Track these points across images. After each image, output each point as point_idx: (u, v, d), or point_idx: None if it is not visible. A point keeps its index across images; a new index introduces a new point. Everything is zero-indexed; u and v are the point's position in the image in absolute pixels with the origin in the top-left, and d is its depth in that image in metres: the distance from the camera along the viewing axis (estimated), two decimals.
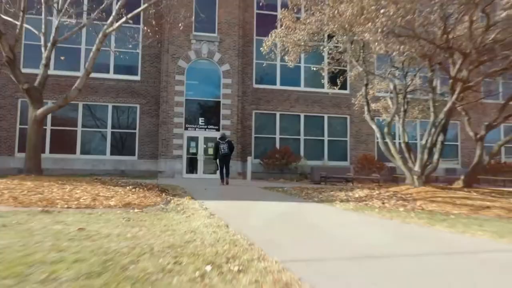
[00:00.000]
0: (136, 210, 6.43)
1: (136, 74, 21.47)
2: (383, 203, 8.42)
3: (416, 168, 11.04)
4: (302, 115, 22.98)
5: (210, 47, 20.92)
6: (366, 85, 12.49)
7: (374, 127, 12.42)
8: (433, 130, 11.11)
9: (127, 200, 7.04)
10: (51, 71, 20.40)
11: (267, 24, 22.24)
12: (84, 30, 20.63)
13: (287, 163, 21.17)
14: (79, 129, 20.64)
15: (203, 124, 20.79)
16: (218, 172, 15.95)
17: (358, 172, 21.58)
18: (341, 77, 17.10)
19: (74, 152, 20.53)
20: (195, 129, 20.65)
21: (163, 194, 8.99)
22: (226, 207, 7.70)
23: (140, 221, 5.38)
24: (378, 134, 12.16)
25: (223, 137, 15.91)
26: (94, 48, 11.34)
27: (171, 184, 13.59)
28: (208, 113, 21.07)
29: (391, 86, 11.80)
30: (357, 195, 9.84)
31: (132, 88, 21.29)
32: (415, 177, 10.76)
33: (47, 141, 20.28)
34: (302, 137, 22.87)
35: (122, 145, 21.34)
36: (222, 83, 21.00)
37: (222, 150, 15.34)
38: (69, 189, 7.50)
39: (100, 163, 20.53)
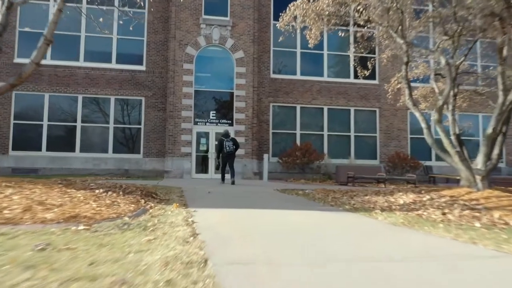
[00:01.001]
0: (80, 228, 4.26)
1: (141, 64, 19.43)
2: (443, 214, 6.03)
3: (480, 165, 8.54)
4: (325, 108, 20.55)
5: (221, 32, 18.71)
6: (407, 63, 10.01)
7: (417, 114, 9.96)
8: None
9: (77, 211, 4.88)
10: (47, 61, 18.58)
11: (286, 7, 20.00)
12: (83, 17, 18.78)
13: (308, 161, 18.78)
14: (78, 124, 18.72)
15: (215, 118, 18.60)
16: (220, 170, 15.18)
17: (390, 172, 19.03)
18: (371, 60, 14.60)
19: (73, 150, 18.62)
20: (205, 124, 18.48)
21: (145, 199, 6.80)
22: (223, 220, 5.44)
23: (59, 251, 3.19)
24: (423, 124, 9.68)
25: (226, 134, 14.95)
26: (55, 8, 9.12)
27: (169, 186, 11.46)
28: (220, 106, 18.87)
29: (443, 61, 9.32)
30: (401, 201, 7.44)
31: (137, 79, 19.26)
32: (478, 177, 8.28)
33: (43, 138, 18.41)
34: (325, 132, 20.44)
35: (126, 142, 19.33)
36: (235, 72, 18.76)
37: (227, 148, 14.43)
38: (6, 195, 5.39)
39: (101, 162, 18.56)
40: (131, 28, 14.76)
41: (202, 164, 18.02)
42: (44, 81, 18.59)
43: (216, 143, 15.93)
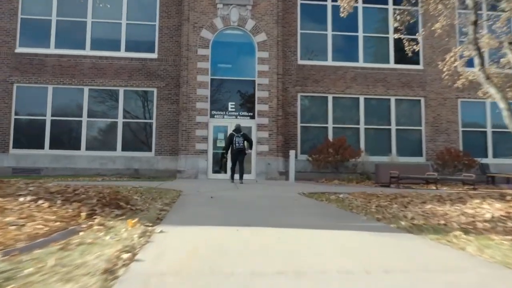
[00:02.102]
0: None
1: (153, 51, 17.40)
2: None
3: None
4: (361, 98, 17.91)
5: (241, 13, 16.41)
6: (475, 22, 7.41)
7: (493, 91, 7.30)
8: None
9: None
10: (51, 50, 16.87)
11: None
12: (90, 1, 16.98)
13: (342, 159, 16.22)
14: (84, 119, 16.87)
15: (234, 110, 16.33)
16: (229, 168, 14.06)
17: (439, 171, 16.19)
18: (416, 37, 11.94)
19: (79, 148, 16.79)
20: (223, 117, 16.24)
21: (97, 212, 4.58)
22: (198, 256, 3.10)
23: None
24: (502, 103, 7.03)
25: (238, 129, 13.71)
26: None
27: (168, 189, 9.28)
28: (240, 96, 16.58)
29: None
30: (487, 214, 4.85)
31: (148, 68, 17.25)
32: None
33: (46, 135, 16.67)
34: (362, 126, 17.81)
35: (136, 139, 17.36)
36: (257, 57, 16.43)
37: (237, 144, 13.34)
38: None
39: (109, 161, 16.65)
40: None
41: (219, 163, 15.74)
42: (47, 72, 16.87)
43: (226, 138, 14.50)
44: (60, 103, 16.91)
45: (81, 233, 3.64)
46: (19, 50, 16.87)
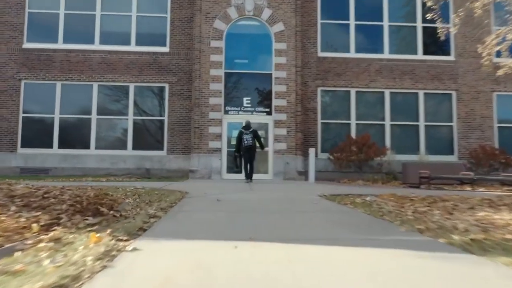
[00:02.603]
0: None
1: (164, 45, 16.52)
2: None
3: None
4: (387, 92, 16.65)
5: (256, 1, 15.35)
6: None
7: None
8: None
9: None
10: (60, 45, 16.16)
11: None
12: None
13: (366, 158, 15.01)
14: (93, 117, 16.12)
15: (249, 106, 15.30)
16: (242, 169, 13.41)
17: (473, 171, 14.79)
18: (447, 27, 10.70)
19: (88, 147, 16.04)
20: (238, 113, 15.23)
21: (62, 220, 3.61)
22: None
23: None
24: None
25: (247, 126, 13.23)
26: None
27: (173, 190, 8.35)
28: (256, 90, 15.53)
29: None
30: None
31: (159, 63, 16.39)
32: None
33: (55, 133, 15.98)
34: (387, 122, 16.54)
35: (147, 137, 16.51)
36: (273, 49, 15.36)
37: (245, 142, 12.86)
38: None
39: (120, 160, 15.84)
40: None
41: (234, 162, 14.71)
42: (55, 68, 16.17)
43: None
44: (68, 100, 16.17)
45: (17, 254, 2.66)
46: (26, 45, 16.23)
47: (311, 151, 13.70)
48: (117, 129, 16.37)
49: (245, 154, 13.05)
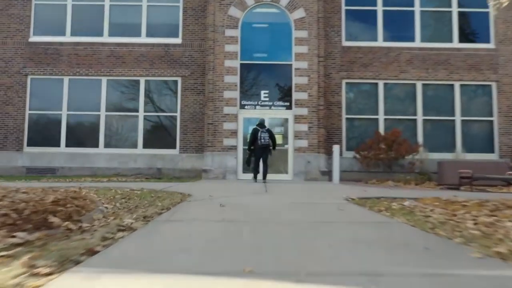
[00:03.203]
0: None
1: (176, 36, 15.44)
2: None
3: None
4: (418, 84, 15.15)
5: None
6: None
7: None
8: None
9: None
10: (67, 38, 15.28)
11: None
12: None
13: (397, 156, 13.59)
14: (102, 113, 15.17)
15: (267, 100, 14.07)
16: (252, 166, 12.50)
17: None
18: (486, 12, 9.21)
19: (96, 145, 15.11)
20: (254, 108, 14.02)
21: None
22: None
23: None
24: None
25: (262, 124, 12.35)
26: None
27: (175, 192, 7.22)
28: (274, 83, 14.27)
29: None
30: None
31: (171, 55, 15.32)
32: None
33: (62, 131, 15.11)
34: (419, 117, 15.04)
35: (158, 134, 15.45)
36: (293, 37, 14.09)
37: (262, 140, 11.99)
38: None
39: (129, 159, 14.85)
40: None
41: (248, 160, 13.48)
42: (63, 62, 15.30)
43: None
44: (76, 96, 15.27)
45: None
46: (33, 39, 15.41)
47: (335, 148, 12.36)
48: (127, 126, 15.37)
49: (260, 153, 12.11)
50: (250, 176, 13.04)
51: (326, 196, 7.41)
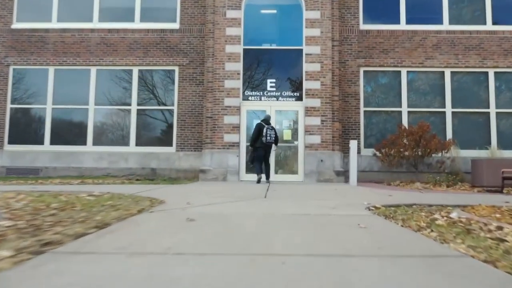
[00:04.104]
0: None
1: (174, 20, 13.83)
2: None
3: None
4: (447, 72, 13.28)
5: None
6: None
7: None
8: None
9: None
10: (53, 24, 13.79)
11: None
12: None
13: (424, 154, 11.75)
14: (91, 107, 13.64)
15: (274, 90, 12.36)
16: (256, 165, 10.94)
17: None
18: None
19: (84, 142, 13.57)
20: (259, 99, 12.32)
21: None
22: None
23: None
24: None
25: (267, 120, 11.07)
26: None
27: (146, 197, 5.53)
28: (282, 71, 12.53)
29: None
30: None
31: (168, 42, 13.71)
32: None
33: (47, 127, 13.62)
34: (448, 109, 13.17)
35: (153, 130, 13.85)
36: (304, 19, 12.35)
37: (268, 137, 10.73)
38: None
39: (120, 158, 13.28)
40: None
41: (251, 158, 11.78)
42: (48, 51, 13.81)
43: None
44: (62, 88, 13.75)
45: None
46: (16, 25, 13.95)
47: (353, 144, 10.55)
48: (118, 122, 13.79)
49: (262, 151, 10.78)
50: (254, 177, 11.36)
51: (342, 203, 5.67)
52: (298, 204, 5.41)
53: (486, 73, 13.22)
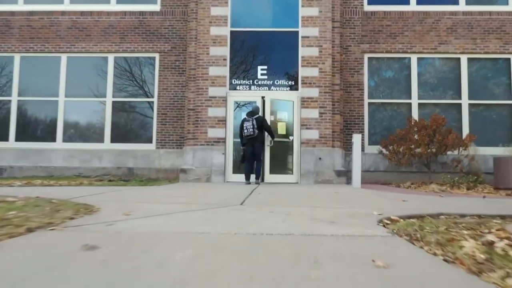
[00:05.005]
0: None
1: (154, 2, 12.30)
2: None
3: None
4: (463, 59, 11.69)
5: None
6: None
7: None
8: None
9: None
10: (19, 6, 12.28)
11: None
12: None
13: (438, 151, 10.16)
14: (61, 99, 12.11)
15: (265, 78, 10.79)
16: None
17: None
18: None
19: (53, 139, 12.05)
20: (249, 88, 10.76)
21: None
22: None
23: None
24: None
25: (253, 112, 9.86)
26: None
27: (77, 204, 3.95)
28: (275, 56, 10.94)
29: None
30: None
31: (148, 26, 12.18)
32: None
33: (12, 122, 12.11)
34: (464, 101, 11.58)
35: (130, 125, 12.30)
36: None
37: (245, 131, 9.56)
38: None
39: (93, 157, 11.75)
40: None
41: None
42: (13, 36, 12.29)
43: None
44: (29, 77, 12.24)
45: None
46: None
47: (356, 138, 8.93)
48: (91, 115, 12.23)
49: (249, 147, 9.65)
50: (242, 177, 9.83)
51: (344, 213, 4.11)
52: (282, 215, 3.84)
53: (508, 60, 11.63)
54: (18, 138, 12.05)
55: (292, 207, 4.65)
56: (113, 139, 11.95)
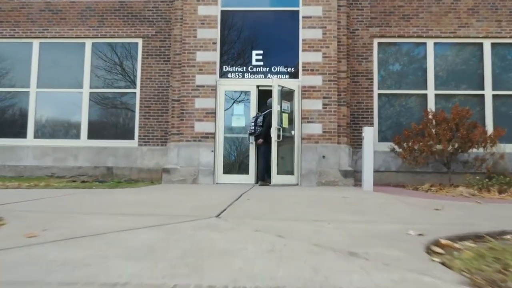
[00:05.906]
0: None
1: None
2: None
3: None
4: (486, 44, 10.29)
5: None
6: None
7: None
8: None
9: None
10: None
11: None
12: None
13: (462, 148, 8.77)
14: (32, 90, 10.78)
15: (261, 64, 9.41)
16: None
17: None
18: None
19: (23, 135, 10.72)
20: (242, 76, 9.38)
21: None
22: None
23: None
24: None
25: (267, 106, 8.83)
26: None
27: None
28: (272, 40, 9.55)
29: None
30: None
31: (129, 8, 10.83)
32: None
33: None
34: (487, 92, 10.19)
35: (109, 120, 10.94)
36: None
37: (249, 130, 8.73)
38: None
39: (69, 155, 10.42)
40: None
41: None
42: None
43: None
44: None
45: None
46: None
47: (368, 131, 7.52)
48: (66, 108, 10.87)
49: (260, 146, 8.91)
50: (234, 178, 8.46)
51: (366, 234, 2.75)
52: (271, 238, 2.48)
53: None
54: None
55: (288, 222, 3.30)
56: (91, 135, 10.61)
